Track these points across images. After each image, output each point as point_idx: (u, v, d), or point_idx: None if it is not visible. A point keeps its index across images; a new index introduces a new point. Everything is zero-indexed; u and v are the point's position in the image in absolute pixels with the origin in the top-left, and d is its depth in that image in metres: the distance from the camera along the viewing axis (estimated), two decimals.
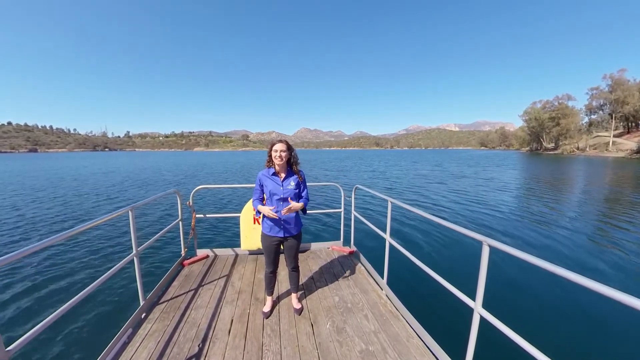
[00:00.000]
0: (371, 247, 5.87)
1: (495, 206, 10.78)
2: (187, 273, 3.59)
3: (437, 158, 63.94)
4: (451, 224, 2.10)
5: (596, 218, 9.17)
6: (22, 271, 5.21)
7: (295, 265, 2.80)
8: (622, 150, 59.12)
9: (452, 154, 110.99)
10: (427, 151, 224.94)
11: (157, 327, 2.54)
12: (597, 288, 1.11)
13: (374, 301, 2.97)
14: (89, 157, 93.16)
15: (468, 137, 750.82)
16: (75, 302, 1.81)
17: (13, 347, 1.42)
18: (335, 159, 60.58)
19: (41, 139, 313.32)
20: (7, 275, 5.02)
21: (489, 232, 7.68)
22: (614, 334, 3.64)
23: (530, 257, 1.42)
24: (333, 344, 2.32)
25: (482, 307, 1.70)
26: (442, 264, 5.58)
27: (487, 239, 1.69)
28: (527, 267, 5.04)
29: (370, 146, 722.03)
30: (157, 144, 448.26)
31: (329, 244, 4.47)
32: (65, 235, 1.79)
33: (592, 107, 79.84)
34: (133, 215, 2.55)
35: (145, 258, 5.68)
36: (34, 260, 5.61)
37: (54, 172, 26.99)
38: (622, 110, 69.15)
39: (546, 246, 6.57)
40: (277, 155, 2.49)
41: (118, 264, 2.33)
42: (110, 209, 11.06)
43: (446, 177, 21.37)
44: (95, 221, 2.10)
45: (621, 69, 70.37)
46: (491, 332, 1.69)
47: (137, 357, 2.17)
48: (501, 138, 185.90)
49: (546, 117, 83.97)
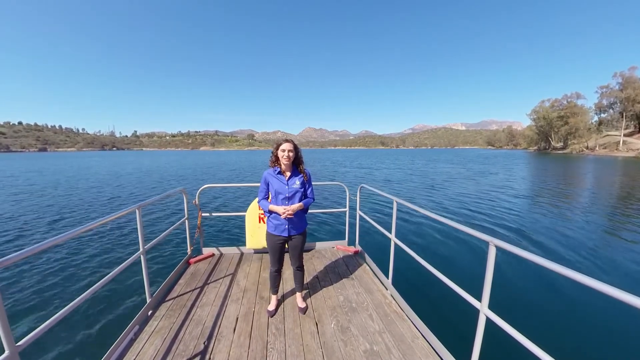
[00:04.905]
0: (376, 246, 5.86)
1: (502, 206, 10.66)
2: (193, 271, 3.62)
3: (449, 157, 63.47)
4: (457, 224, 2.08)
5: (605, 219, 9.01)
6: (32, 268, 5.32)
7: (300, 264, 2.81)
8: (632, 149, 57.96)
9: (458, 153, 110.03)
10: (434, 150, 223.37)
11: (163, 324, 2.56)
12: (605, 290, 1.09)
13: (378, 301, 2.96)
14: (97, 156, 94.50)
15: (475, 136, 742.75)
16: (84, 299, 1.84)
17: (23, 342, 1.45)
18: (345, 159, 60.47)
19: (51, 138, 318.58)
20: (18, 273, 5.13)
21: (496, 232, 7.60)
22: (624, 336, 3.58)
23: (537, 258, 1.40)
24: (337, 344, 2.32)
25: (488, 308, 1.68)
26: (448, 265, 5.54)
27: (494, 240, 1.67)
28: (534, 268, 4.99)
29: (375, 145, 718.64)
30: (164, 144, 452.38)
31: (334, 244, 4.47)
32: (74, 233, 1.82)
33: (602, 106, 78.30)
34: (140, 214, 2.58)
35: (152, 256, 5.75)
36: (43, 258, 5.72)
37: (64, 171, 27.43)
38: (633, 109, 67.80)
39: (554, 247, 6.47)
40: (284, 155, 2.50)
41: (125, 261, 2.36)
42: (118, 207, 11.22)
43: (452, 177, 21.20)
44: (103, 219, 2.14)
45: (632, 67, 68.90)
46: (497, 334, 1.67)
47: (144, 353, 2.20)
48: (508, 137, 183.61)
49: (555, 116, 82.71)
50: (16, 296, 4.41)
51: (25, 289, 4.63)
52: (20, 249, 1.59)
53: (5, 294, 4.42)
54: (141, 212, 2.60)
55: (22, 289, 4.63)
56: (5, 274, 5.02)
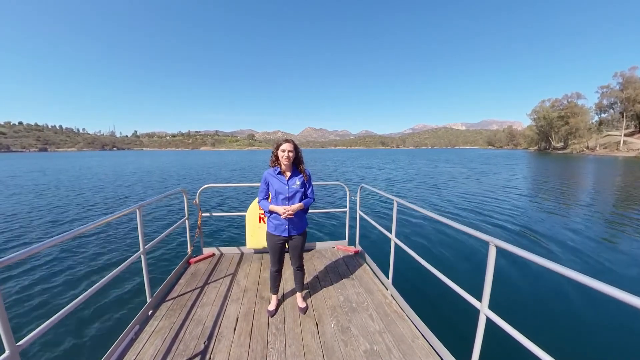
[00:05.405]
0: (376, 246, 5.86)
1: (502, 206, 10.66)
2: (193, 271, 3.62)
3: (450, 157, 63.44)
4: (457, 224, 2.08)
5: (606, 219, 9.00)
6: (32, 268, 5.33)
7: (300, 264, 2.81)
8: (633, 149, 57.89)
9: (458, 153, 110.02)
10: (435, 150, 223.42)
11: (163, 324, 2.57)
12: (605, 290, 1.09)
13: (379, 301, 2.96)
14: (98, 156, 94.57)
15: (475, 136, 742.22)
16: (84, 299, 1.84)
17: (23, 342, 1.45)
18: (345, 159, 60.47)
19: (51, 138, 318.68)
20: (18, 273, 5.13)
21: (496, 232, 7.60)
22: (624, 336, 3.57)
23: (537, 258, 1.40)
24: (338, 343, 2.32)
25: (489, 308, 1.68)
26: (448, 265, 5.53)
27: (494, 240, 1.67)
28: (535, 268, 4.99)
29: (376, 145, 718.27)
30: (164, 144, 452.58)
31: (334, 244, 4.47)
32: (74, 233, 1.82)
33: (603, 106, 78.14)
34: (140, 214, 2.58)
35: (152, 256, 5.75)
36: (43, 258, 5.72)
37: (65, 171, 27.45)
38: (634, 109, 67.68)
39: (554, 247, 6.46)
40: (284, 155, 2.50)
41: (126, 261, 2.37)
42: (118, 207, 11.23)
43: (454, 176, 21.19)
44: (103, 219, 2.14)
45: (632, 67, 68.78)
46: (497, 334, 1.67)
47: (144, 353, 2.20)
48: (509, 137, 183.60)
49: (555, 116, 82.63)
50: (16, 296, 4.41)
51: (26, 289, 4.64)
52: (20, 249, 1.59)
53: (6, 294, 4.42)
54: (141, 212, 2.60)
55: (23, 289, 4.63)
56: (5, 274, 5.02)
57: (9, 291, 4.54)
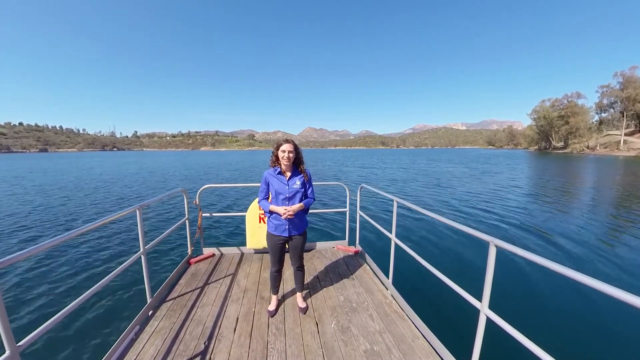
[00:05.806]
0: (377, 246, 5.86)
1: (503, 205, 10.65)
2: (193, 271, 3.62)
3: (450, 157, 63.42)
4: (458, 224, 2.08)
5: (606, 219, 8.99)
6: (32, 268, 5.32)
7: (300, 264, 2.81)
8: (633, 149, 57.86)
9: (459, 153, 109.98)
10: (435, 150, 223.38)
11: (163, 324, 2.57)
12: (605, 290, 1.09)
13: (379, 301, 2.96)
14: (98, 156, 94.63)
15: (475, 136, 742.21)
16: (84, 299, 1.84)
17: (24, 342, 1.45)
18: (346, 159, 60.45)
19: (51, 139, 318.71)
20: (18, 273, 5.13)
21: (497, 232, 7.59)
22: (624, 336, 3.57)
23: (537, 258, 1.40)
24: (338, 343, 2.32)
25: (489, 308, 1.68)
26: (448, 264, 5.53)
27: (494, 240, 1.67)
28: (535, 268, 4.99)
29: (376, 145, 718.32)
30: (165, 144, 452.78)
31: (334, 244, 4.47)
32: (74, 233, 1.82)
33: (603, 105, 78.03)
34: (140, 214, 2.58)
35: (153, 256, 5.75)
36: (43, 258, 5.72)
37: (66, 171, 27.47)
38: (634, 108, 67.60)
39: (554, 247, 6.46)
40: (284, 155, 2.50)
41: (126, 262, 2.37)
42: (119, 207, 11.23)
43: (455, 176, 21.18)
44: (103, 220, 2.14)
45: (633, 66, 68.67)
46: (498, 334, 1.67)
47: (144, 353, 2.20)
48: (509, 137, 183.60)
49: (555, 116, 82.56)
50: (17, 296, 4.42)
51: (26, 289, 4.64)
52: (20, 248, 1.59)
53: (6, 294, 4.43)
54: (142, 213, 2.60)
55: (23, 289, 4.63)
56: (5, 274, 5.03)
57: (9, 291, 4.54)
